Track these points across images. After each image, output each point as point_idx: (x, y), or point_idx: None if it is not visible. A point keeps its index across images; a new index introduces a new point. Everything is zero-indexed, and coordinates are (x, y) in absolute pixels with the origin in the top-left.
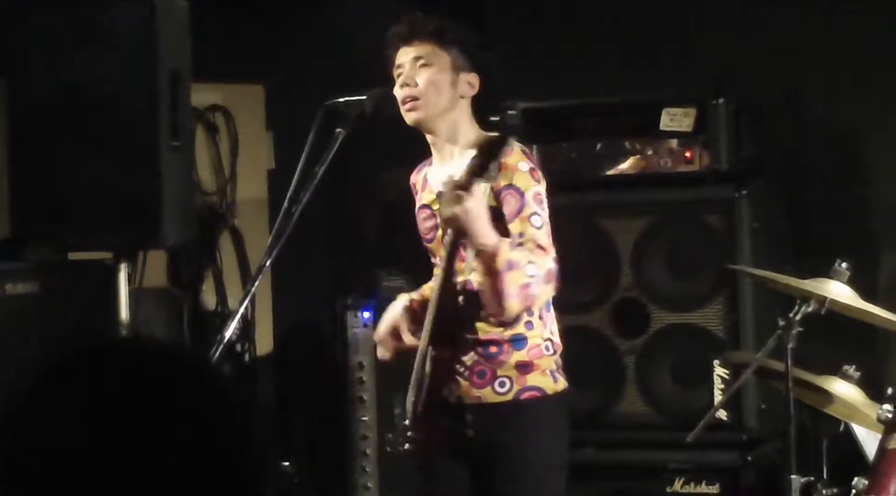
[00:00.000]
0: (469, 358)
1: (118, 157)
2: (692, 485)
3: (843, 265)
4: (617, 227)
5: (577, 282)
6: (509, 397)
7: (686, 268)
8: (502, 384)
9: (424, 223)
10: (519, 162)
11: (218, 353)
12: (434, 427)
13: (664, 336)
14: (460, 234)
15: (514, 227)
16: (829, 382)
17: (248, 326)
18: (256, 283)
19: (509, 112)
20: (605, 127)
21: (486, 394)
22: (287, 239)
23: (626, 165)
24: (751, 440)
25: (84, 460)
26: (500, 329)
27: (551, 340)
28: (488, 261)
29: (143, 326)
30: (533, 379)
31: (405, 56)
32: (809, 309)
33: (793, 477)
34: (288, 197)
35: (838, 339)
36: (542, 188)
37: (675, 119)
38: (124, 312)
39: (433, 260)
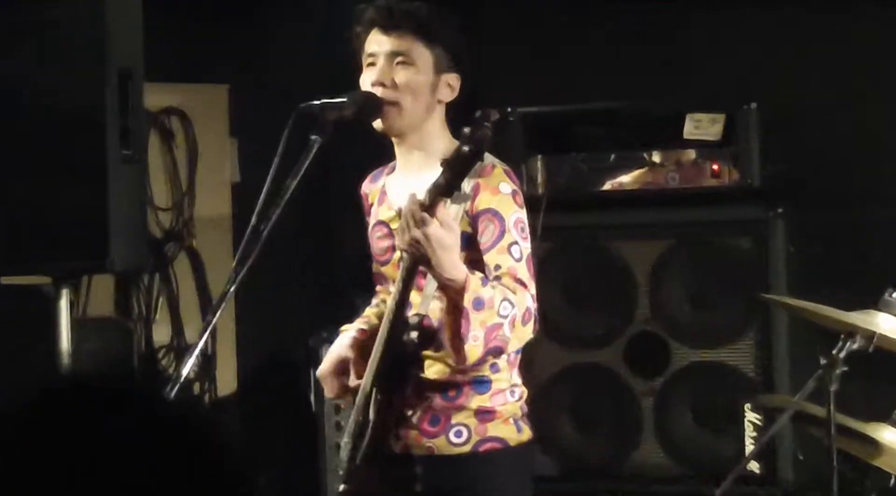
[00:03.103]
0: (421, 401)
1: (59, 168)
2: None
3: (895, 295)
4: (632, 250)
5: (587, 315)
6: (467, 448)
7: (712, 298)
8: (459, 433)
9: (379, 243)
10: (500, 183)
11: (174, 394)
12: (375, 482)
13: (686, 375)
14: (419, 262)
15: (490, 258)
16: (877, 430)
17: (208, 363)
18: (218, 314)
19: (485, 123)
20: (618, 135)
21: (440, 445)
22: (254, 262)
23: (627, 179)
24: (787, 495)
25: None
26: (461, 369)
27: (517, 385)
28: (454, 297)
29: (87, 360)
30: (495, 428)
31: (380, 46)
32: (855, 345)
33: None
34: (255, 213)
35: (888, 381)
36: (524, 214)
37: (701, 126)
38: (65, 345)
39: (383, 285)
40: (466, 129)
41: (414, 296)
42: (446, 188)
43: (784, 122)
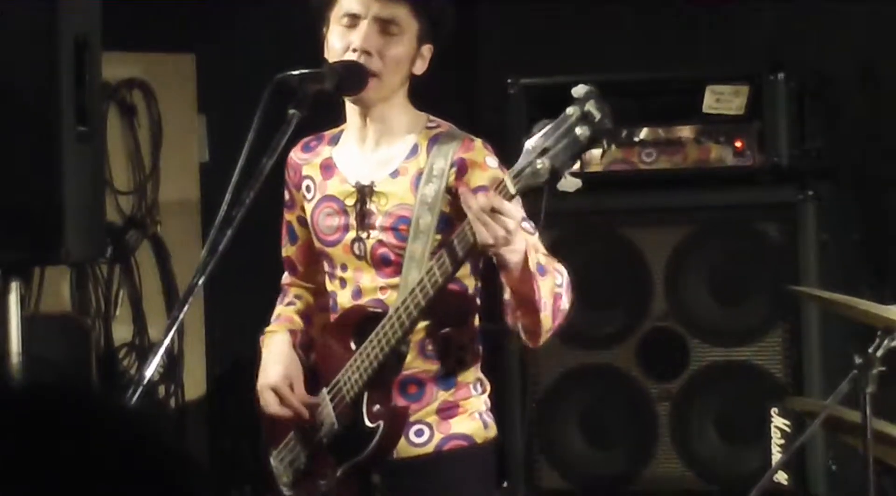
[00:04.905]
0: None
1: (8, 148)
2: None
3: None
4: (647, 238)
5: (596, 310)
6: (429, 449)
7: (735, 292)
8: (420, 433)
9: (327, 220)
10: (486, 157)
11: (136, 399)
12: (319, 490)
13: (707, 377)
14: (486, 254)
15: None
16: None
17: (174, 364)
18: (185, 309)
19: (603, 103)
20: (631, 110)
21: (399, 447)
22: (225, 251)
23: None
24: None
25: None
26: (428, 363)
27: (481, 378)
28: (518, 268)
29: (39, 362)
30: (458, 424)
31: (364, 8)
32: (893, 343)
33: None
34: (226, 198)
35: None
36: None
37: (722, 99)
38: (15, 345)
39: (327, 268)
40: (575, 110)
41: (389, 293)
42: (550, 177)
43: (817, 93)
